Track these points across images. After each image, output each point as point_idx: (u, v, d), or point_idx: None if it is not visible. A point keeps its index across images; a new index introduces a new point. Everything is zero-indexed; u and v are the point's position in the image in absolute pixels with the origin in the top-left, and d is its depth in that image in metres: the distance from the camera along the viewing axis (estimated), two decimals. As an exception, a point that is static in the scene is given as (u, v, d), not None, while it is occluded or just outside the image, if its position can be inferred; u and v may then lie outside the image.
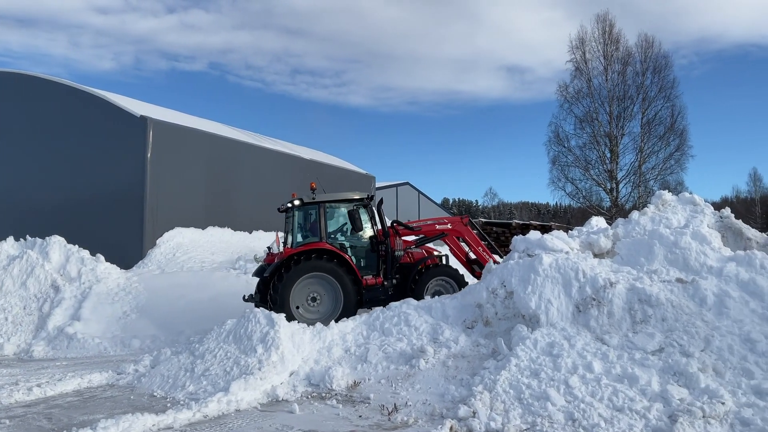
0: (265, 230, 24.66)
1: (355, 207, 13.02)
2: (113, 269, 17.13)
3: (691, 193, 12.72)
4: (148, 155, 21.19)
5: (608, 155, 36.29)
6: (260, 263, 14.03)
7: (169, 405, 8.02)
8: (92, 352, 13.14)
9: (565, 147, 37.29)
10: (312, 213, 13.30)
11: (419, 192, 48.30)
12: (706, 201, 12.19)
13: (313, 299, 12.42)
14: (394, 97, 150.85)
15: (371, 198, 13.52)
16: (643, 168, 36.00)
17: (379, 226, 13.30)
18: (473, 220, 14.81)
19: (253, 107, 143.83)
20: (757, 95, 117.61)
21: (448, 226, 14.21)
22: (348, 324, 10.29)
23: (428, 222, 14.54)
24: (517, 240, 11.45)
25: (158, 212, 21.41)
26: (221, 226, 23.31)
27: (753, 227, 12.04)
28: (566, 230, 13.72)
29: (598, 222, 13.79)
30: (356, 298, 12.33)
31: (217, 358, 9.22)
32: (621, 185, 36.44)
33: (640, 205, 32.41)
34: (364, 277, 12.73)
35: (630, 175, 36.41)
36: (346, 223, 13.37)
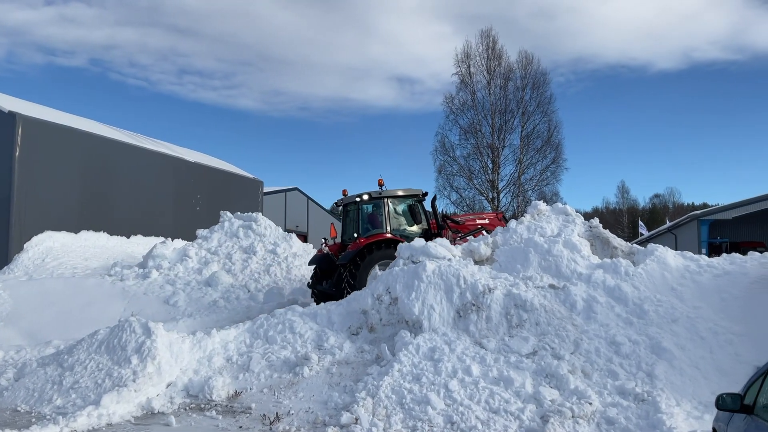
0: (145, 235, 23.57)
1: (414, 202, 14.44)
2: (-27, 276, 15.82)
3: (564, 203, 13.48)
4: (16, 153, 19.75)
5: (490, 165, 37.76)
6: (325, 251, 14.82)
7: (33, 420, 7.52)
8: (-54, 366, 12.03)
9: (450, 156, 38.48)
10: (374, 207, 14.60)
11: (308, 198, 48.00)
12: (578, 211, 12.97)
13: None
14: (286, 101, 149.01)
15: (426, 194, 14.92)
16: (522, 179, 37.77)
17: (433, 219, 14.72)
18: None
19: (137, 106, 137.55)
20: (626, 113, 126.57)
21: (486, 221, 15.69)
22: (230, 332, 10.05)
23: (470, 217, 16.54)
24: (402, 247, 11.67)
25: (26, 214, 19.98)
26: (96, 230, 22.06)
27: (621, 236, 12.91)
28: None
29: (479, 230, 14.32)
30: None
31: (88, 369, 8.71)
32: (502, 195, 38.00)
33: (519, 214, 33.87)
34: None
35: (510, 185, 38.08)
36: (402, 216, 14.78)
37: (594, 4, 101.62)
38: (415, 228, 14.39)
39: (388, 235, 13.60)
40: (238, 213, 19.98)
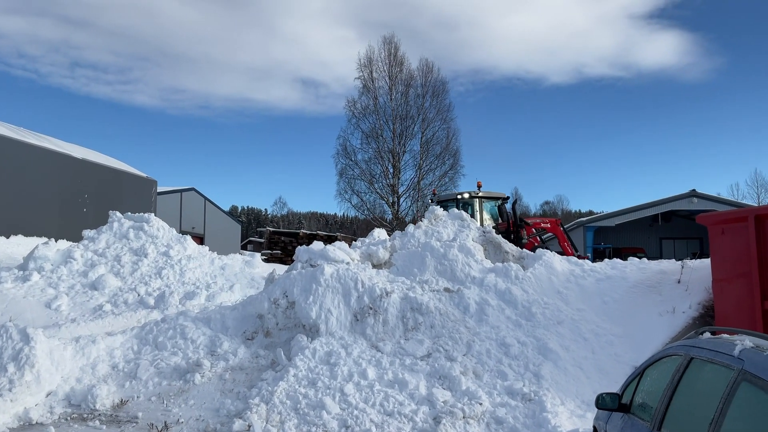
0: (26, 235, 22.14)
1: (501, 202, 17.47)
2: None
3: (460, 209, 13.83)
4: None
5: (391, 170, 38.26)
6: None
7: None
8: None
9: (352, 160, 38.68)
10: (467, 205, 17.37)
11: (206, 198, 46.65)
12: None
13: None
14: (185, 99, 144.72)
15: (507, 198, 18.26)
16: (421, 184, 38.50)
17: (512, 219, 17.14)
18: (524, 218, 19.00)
19: (24, 99, 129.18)
20: (520, 123, 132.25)
21: (548, 225, 18.80)
22: (117, 338, 9.59)
23: (536, 220, 19.42)
24: (301, 250, 11.56)
25: None
26: (-29, 229, 20.56)
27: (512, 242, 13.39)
28: (351, 241, 14.27)
29: (379, 234, 14.43)
30: None
31: (-43, 380, 8.06)
32: (402, 199, 38.58)
33: (419, 218, 34.44)
34: None
35: (410, 190, 38.74)
36: (490, 214, 17.71)
37: (493, 18, 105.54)
38: (498, 223, 17.01)
39: None
40: (129, 213, 19.12)
